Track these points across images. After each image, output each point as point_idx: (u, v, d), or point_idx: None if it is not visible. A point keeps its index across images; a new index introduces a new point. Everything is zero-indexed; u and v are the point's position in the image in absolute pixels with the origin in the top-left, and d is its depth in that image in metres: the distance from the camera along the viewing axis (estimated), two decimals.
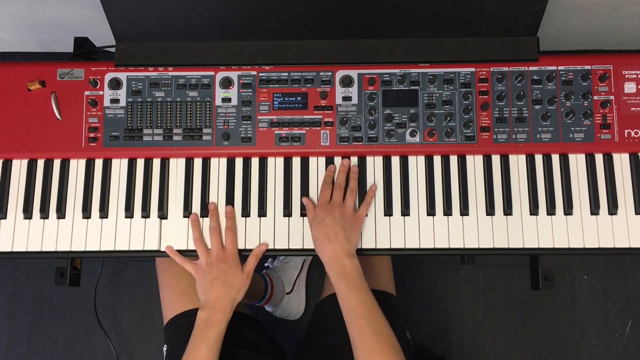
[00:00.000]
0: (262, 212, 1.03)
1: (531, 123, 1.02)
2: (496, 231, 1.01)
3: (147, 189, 1.04)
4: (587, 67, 1.04)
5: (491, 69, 1.04)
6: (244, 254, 1.02)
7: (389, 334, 0.88)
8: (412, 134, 1.03)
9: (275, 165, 1.05)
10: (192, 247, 1.01)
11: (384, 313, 1.09)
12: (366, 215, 1.01)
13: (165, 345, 1.10)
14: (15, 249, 1.02)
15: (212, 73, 1.05)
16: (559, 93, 1.03)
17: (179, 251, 1.01)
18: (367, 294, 0.91)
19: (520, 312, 1.66)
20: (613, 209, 1.01)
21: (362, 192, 1.02)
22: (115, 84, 1.05)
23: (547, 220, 1.01)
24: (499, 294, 1.67)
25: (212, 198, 1.04)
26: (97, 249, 1.02)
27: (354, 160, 1.04)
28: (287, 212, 1.03)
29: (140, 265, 1.70)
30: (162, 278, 1.15)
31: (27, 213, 1.03)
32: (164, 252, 1.02)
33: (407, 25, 1.00)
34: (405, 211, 1.01)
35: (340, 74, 1.05)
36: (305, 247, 1.01)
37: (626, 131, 1.02)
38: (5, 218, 1.03)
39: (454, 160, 1.04)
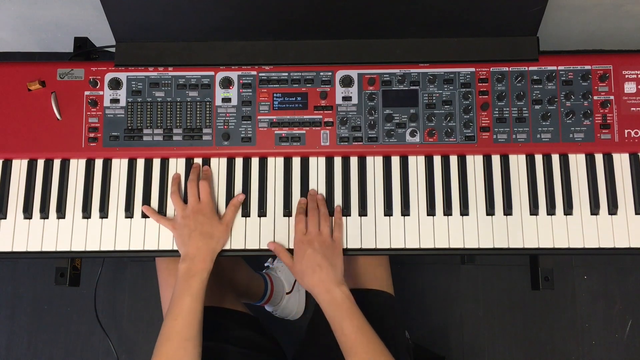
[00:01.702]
0: (262, 212, 1.03)
1: (531, 123, 1.02)
2: (496, 231, 1.01)
3: (148, 189, 1.04)
4: (587, 67, 1.04)
5: (491, 69, 1.04)
6: (243, 254, 1.02)
7: None
8: (412, 134, 1.03)
9: (275, 165, 1.05)
10: None
11: (383, 313, 1.09)
12: (344, 249, 0.99)
13: None
14: (15, 249, 1.02)
15: (212, 73, 1.05)
16: (559, 93, 1.03)
17: (178, 251, 1.01)
18: (361, 320, 0.90)
19: (520, 312, 1.66)
20: (613, 209, 1.01)
21: (363, 194, 1.02)
22: (115, 84, 1.05)
23: (547, 220, 1.01)
24: (499, 294, 1.67)
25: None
26: (97, 249, 1.02)
27: (354, 160, 1.04)
28: (287, 212, 1.03)
29: (140, 265, 1.70)
30: (162, 277, 1.15)
31: (27, 213, 1.03)
32: (163, 251, 1.02)
33: (407, 25, 1.00)
34: (405, 211, 1.01)
35: (340, 74, 1.05)
36: None
37: (626, 131, 1.02)
38: (5, 218, 1.03)
39: (454, 160, 1.04)
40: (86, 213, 1.03)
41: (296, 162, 1.05)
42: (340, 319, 0.90)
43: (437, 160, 1.04)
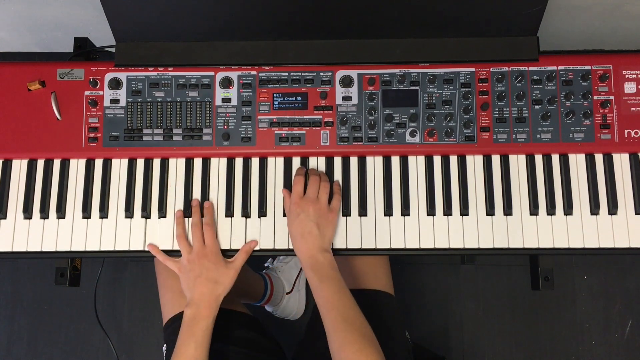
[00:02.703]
0: (262, 212, 1.03)
1: (531, 123, 1.02)
2: (496, 231, 1.00)
3: (147, 189, 1.04)
4: (587, 67, 1.04)
5: (491, 69, 1.04)
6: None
7: (361, 325, 0.88)
8: (412, 134, 1.03)
9: (275, 165, 1.05)
10: None
11: (383, 313, 1.09)
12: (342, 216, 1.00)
13: (165, 345, 1.10)
14: (15, 249, 1.02)
15: (212, 73, 1.05)
16: (559, 93, 1.03)
17: (178, 251, 1.01)
18: (338, 285, 0.91)
19: (520, 312, 1.66)
20: (613, 209, 1.01)
21: (363, 194, 1.02)
22: (115, 84, 1.05)
23: (547, 220, 1.01)
24: (499, 294, 1.67)
25: (212, 198, 1.04)
26: (97, 249, 1.02)
27: (354, 160, 1.04)
28: None
29: (140, 265, 1.70)
30: (161, 278, 1.15)
31: (27, 213, 1.03)
32: (164, 252, 1.02)
33: (407, 25, 1.00)
34: (405, 211, 1.01)
35: (340, 74, 1.05)
36: None
37: (626, 131, 1.02)
38: (5, 218, 1.03)
39: (454, 160, 1.04)
40: (86, 213, 1.03)
41: (296, 162, 1.05)
42: (319, 281, 0.91)
43: (437, 160, 1.04)
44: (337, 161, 1.04)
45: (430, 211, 1.01)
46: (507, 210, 1.01)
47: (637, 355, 1.63)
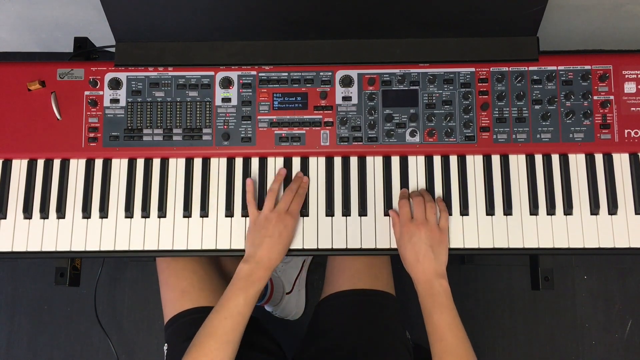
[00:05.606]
0: None
1: (531, 123, 1.02)
2: (496, 231, 1.01)
3: (147, 189, 1.04)
4: (587, 67, 1.04)
5: (491, 69, 1.04)
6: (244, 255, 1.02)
7: None
8: (412, 134, 1.03)
9: (275, 165, 1.05)
10: (191, 247, 1.01)
11: (384, 313, 1.09)
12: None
13: (165, 344, 1.10)
14: (15, 249, 1.02)
15: (212, 73, 1.05)
16: (559, 93, 1.03)
17: (178, 251, 1.01)
18: (451, 316, 0.91)
19: (520, 312, 1.66)
20: (613, 209, 1.01)
21: (363, 194, 1.02)
22: (115, 84, 1.05)
23: (547, 220, 1.01)
24: (499, 294, 1.67)
25: (212, 198, 1.03)
26: (97, 249, 1.02)
27: (354, 160, 1.04)
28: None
29: (140, 265, 1.70)
30: (163, 277, 1.15)
31: (27, 213, 1.03)
32: (163, 251, 1.02)
33: (407, 25, 1.00)
34: None
35: (340, 74, 1.05)
36: (305, 247, 1.01)
37: (626, 131, 1.02)
38: (5, 218, 1.03)
39: (453, 160, 1.04)
40: (86, 213, 1.03)
41: (296, 162, 1.05)
42: (431, 309, 0.91)
43: (437, 160, 1.04)
44: (337, 161, 1.04)
45: None
46: (507, 210, 1.01)
47: (637, 355, 1.63)
